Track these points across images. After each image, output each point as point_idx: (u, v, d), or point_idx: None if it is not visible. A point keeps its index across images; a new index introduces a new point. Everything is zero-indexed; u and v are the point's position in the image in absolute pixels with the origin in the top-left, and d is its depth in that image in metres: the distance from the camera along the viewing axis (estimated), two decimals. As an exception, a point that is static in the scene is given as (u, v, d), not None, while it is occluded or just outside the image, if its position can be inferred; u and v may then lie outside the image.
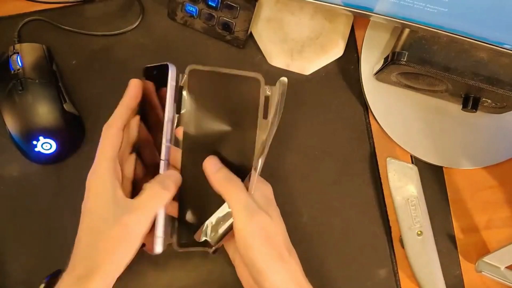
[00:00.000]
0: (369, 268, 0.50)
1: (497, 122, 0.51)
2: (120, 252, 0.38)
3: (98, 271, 0.37)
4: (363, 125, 0.52)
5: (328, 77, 0.52)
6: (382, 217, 0.50)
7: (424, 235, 0.47)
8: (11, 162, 0.51)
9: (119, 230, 0.38)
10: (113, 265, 0.38)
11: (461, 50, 0.42)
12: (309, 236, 0.50)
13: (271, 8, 0.52)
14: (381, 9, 0.41)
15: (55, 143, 0.48)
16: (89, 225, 0.39)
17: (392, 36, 0.50)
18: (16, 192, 0.51)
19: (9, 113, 0.48)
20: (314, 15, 0.52)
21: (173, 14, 0.52)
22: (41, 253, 0.49)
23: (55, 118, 0.49)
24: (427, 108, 0.51)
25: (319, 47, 0.51)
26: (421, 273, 0.47)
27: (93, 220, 0.39)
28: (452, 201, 0.51)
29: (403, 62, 0.43)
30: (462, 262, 0.50)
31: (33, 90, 0.48)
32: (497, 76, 0.42)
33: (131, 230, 0.38)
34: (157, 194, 0.40)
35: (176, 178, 0.42)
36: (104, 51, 0.53)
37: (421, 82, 0.47)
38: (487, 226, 0.51)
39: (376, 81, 0.51)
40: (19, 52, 0.49)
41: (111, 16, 0.53)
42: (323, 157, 0.51)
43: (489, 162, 0.51)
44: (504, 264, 0.47)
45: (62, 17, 0.53)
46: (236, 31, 0.51)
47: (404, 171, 0.48)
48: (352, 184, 0.51)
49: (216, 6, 0.51)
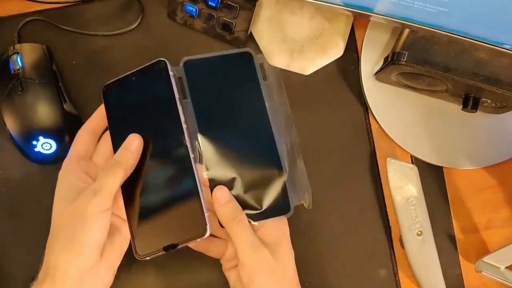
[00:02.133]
0: (369, 268, 0.50)
1: (497, 122, 0.51)
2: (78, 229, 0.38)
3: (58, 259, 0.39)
4: (363, 125, 0.52)
5: (328, 77, 0.52)
6: (382, 217, 0.50)
7: (424, 235, 0.47)
8: (11, 162, 0.51)
9: (75, 208, 0.39)
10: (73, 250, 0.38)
11: (461, 50, 0.42)
12: (309, 236, 0.50)
13: (271, 8, 0.52)
14: (381, 9, 0.41)
15: (55, 143, 0.48)
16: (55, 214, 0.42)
17: (392, 36, 0.50)
18: (16, 192, 0.51)
19: (9, 113, 0.48)
20: (314, 15, 0.52)
21: (173, 14, 0.52)
22: (41, 253, 0.49)
23: (55, 118, 0.49)
24: (427, 108, 0.51)
25: (319, 47, 0.51)
26: (421, 273, 0.47)
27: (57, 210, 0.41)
28: (452, 201, 0.51)
29: (403, 62, 0.43)
30: (462, 262, 0.50)
31: (33, 90, 0.48)
32: (497, 76, 0.42)
33: (86, 206, 0.38)
34: (109, 172, 0.40)
35: (132, 142, 0.42)
36: (104, 51, 0.53)
37: (421, 82, 0.47)
38: (487, 226, 0.51)
39: (376, 81, 0.51)
40: (19, 52, 0.49)
41: (111, 16, 0.53)
42: (323, 157, 0.51)
43: (489, 162, 0.51)
44: (504, 264, 0.47)
45: (62, 17, 0.53)
46: (236, 31, 0.51)
47: (404, 171, 0.48)
48: (352, 184, 0.51)
49: (216, 6, 0.51)
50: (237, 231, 0.41)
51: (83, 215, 0.38)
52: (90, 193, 0.39)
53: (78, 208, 0.39)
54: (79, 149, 0.44)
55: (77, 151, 0.44)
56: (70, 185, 0.42)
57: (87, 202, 0.38)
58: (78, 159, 0.44)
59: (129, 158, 0.41)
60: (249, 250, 0.40)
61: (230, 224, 0.41)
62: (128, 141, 0.42)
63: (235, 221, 0.41)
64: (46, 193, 0.50)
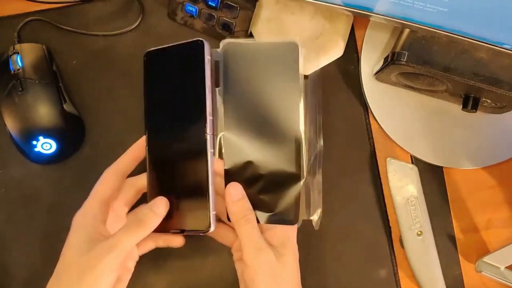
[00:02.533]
0: (369, 268, 0.50)
1: (497, 122, 0.51)
2: (86, 281, 0.37)
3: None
4: (363, 125, 0.52)
5: (328, 77, 0.52)
6: (382, 217, 0.50)
7: (424, 235, 0.47)
8: (11, 162, 0.51)
9: (86, 260, 0.38)
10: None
11: (461, 50, 0.42)
12: (309, 236, 0.50)
13: (271, 8, 0.52)
14: (381, 9, 0.41)
15: (55, 143, 0.48)
16: (65, 259, 0.39)
17: (392, 36, 0.50)
18: (16, 192, 0.51)
19: (9, 113, 0.48)
20: (314, 15, 0.52)
21: (173, 14, 0.52)
22: (41, 253, 0.50)
23: (55, 118, 0.49)
24: (427, 108, 0.51)
25: (319, 47, 0.51)
26: (421, 273, 0.47)
27: (68, 255, 0.39)
28: (452, 201, 0.51)
29: (403, 62, 0.43)
30: (462, 262, 0.50)
31: (33, 90, 0.48)
32: (497, 76, 0.42)
33: (99, 261, 0.38)
34: (130, 230, 0.39)
35: (159, 206, 0.41)
36: (104, 51, 0.53)
37: (421, 82, 0.47)
38: (487, 226, 0.51)
39: (376, 81, 0.51)
40: (19, 52, 0.49)
41: (111, 16, 0.53)
42: (323, 157, 0.51)
43: (489, 162, 0.51)
44: (504, 264, 0.47)
45: (62, 17, 0.53)
46: (236, 31, 0.51)
47: (404, 171, 0.48)
48: (352, 184, 0.51)
49: (216, 6, 0.51)
50: (244, 231, 0.41)
51: (95, 269, 0.37)
52: (106, 248, 0.38)
53: (90, 261, 0.38)
54: (103, 192, 0.42)
55: (101, 194, 0.42)
56: (86, 234, 0.40)
57: (101, 257, 0.38)
58: (101, 205, 0.41)
59: (152, 220, 0.40)
60: (253, 251, 0.40)
61: (239, 223, 0.41)
62: (155, 204, 0.41)
63: (244, 219, 0.41)
64: (46, 193, 0.50)
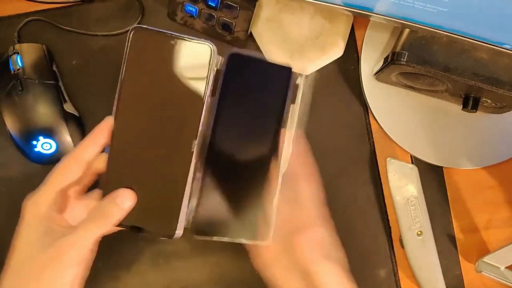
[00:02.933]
0: (369, 268, 0.50)
1: (497, 122, 0.51)
2: (47, 277, 0.35)
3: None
4: (363, 125, 0.52)
5: (328, 77, 0.52)
6: (382, 217, 0.50)
7: (424, 235, 0.47)
8: (11, 162, 0.51)
9: (47, 255, 0.36)
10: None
11: (461, 50, 0.42)
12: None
13: (271, 8, 0.52)
14: (381, 9, 0.41)
15: (55, 143, 0.48)
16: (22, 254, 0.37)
17: (392, 36, 0.50)
18: (16, 193, 0.50)
19: (9, 113, 0.48)
20: (314, 15, 0.52)
21: (173, 14, 0.52)
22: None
23: (55, 118, 0.49)
24: (427, 108, 0.51)
25: (319, 47, 0.51)
26: (421, 273, 0.47)
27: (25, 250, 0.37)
28: (452, 201, 0.51)
29: (403, 62, 0.43)
30: (462, 262, 0.50)
31: (33, 90, 0.48)
32: (497, 76, 0.42)
33: (61, 257, 0.35)
34: (92, 225, 0.37)
35: (125, 199, 0.37)
36: (104, 51, 0.53)
37: (421, 82, 0.47)
38: (487, 226, 0.51)
39: (376, 81, 0.51)
40: (19, 52, 0.49)
41: (111, 16, 0.53)
42: (323, 157, 0.51)
43: (489, 162, 0.51)
44: (504, 264, 0.47)
45: (62, 17, 0.53)
46: (236, 31, 0.51)
47: (404, 171, 0.48)
48: (352, 184, 0.51)
49: (216, 6, 0.51)
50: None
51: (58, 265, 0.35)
52: (67, 244, 0.36)
53: (52, 257, 0.36)
54: (61, 180, 0.38)
55: (58, 183, 0.38)
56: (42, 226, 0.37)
57: (63, 253, 0.35)
58: (57, 194, 0.38)
59: (116, 215, 0.37)
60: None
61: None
62: (120, 197, 0.37)
63: None
64: (46, 193, 0.50)
